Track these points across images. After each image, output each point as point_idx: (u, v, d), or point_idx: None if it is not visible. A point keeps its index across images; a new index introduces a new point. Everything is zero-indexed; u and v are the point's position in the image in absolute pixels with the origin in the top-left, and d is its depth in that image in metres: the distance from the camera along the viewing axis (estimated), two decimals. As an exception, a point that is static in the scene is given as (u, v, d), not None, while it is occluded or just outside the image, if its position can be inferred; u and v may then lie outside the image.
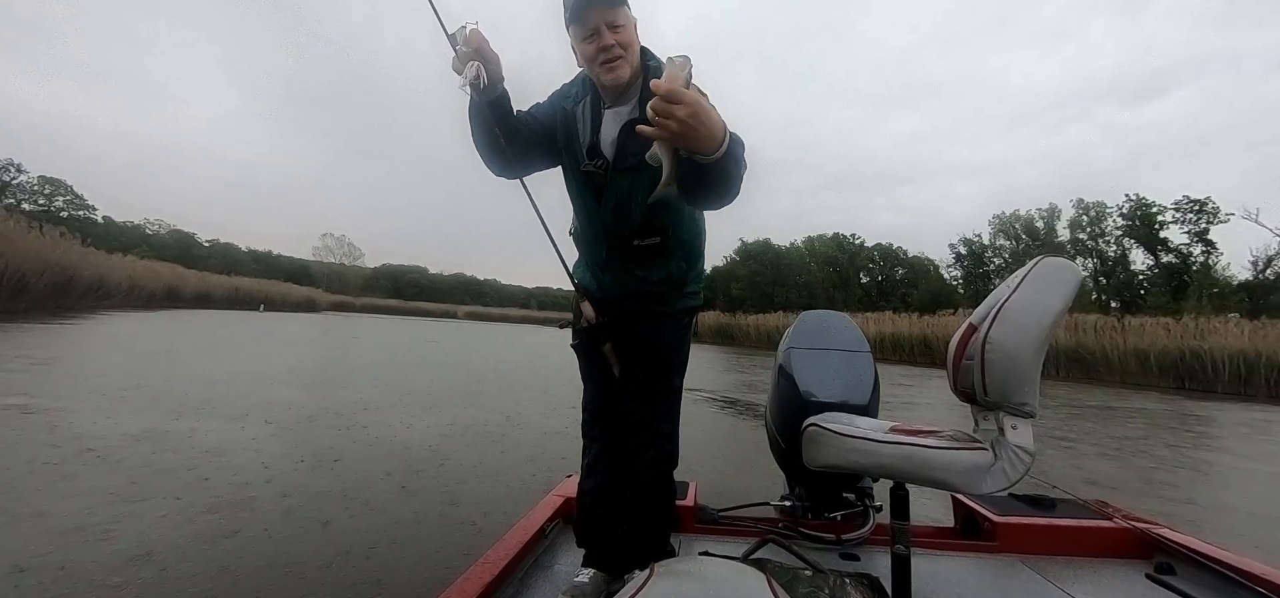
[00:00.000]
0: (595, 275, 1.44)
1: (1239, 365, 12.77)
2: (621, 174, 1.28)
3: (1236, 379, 12.75)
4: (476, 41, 1.18)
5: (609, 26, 1.20)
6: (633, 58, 1.23)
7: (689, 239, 1.39)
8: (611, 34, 1.20)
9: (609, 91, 1.28)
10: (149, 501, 2.54)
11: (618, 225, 1.32)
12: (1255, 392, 12.33)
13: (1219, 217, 26.35)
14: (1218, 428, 7.06)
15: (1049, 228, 33.10)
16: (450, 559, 2.10)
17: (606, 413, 1.45)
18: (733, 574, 0.63)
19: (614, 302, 1.39)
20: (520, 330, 29.54)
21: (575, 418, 1.59)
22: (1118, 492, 3.61)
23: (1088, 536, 1.67)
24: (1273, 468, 4.76)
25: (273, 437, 3.82)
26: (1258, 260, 24.95)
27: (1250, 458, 5.15)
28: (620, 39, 1.20)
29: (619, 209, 1.30)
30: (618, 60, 1.21)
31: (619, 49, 1.20)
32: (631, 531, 1.37)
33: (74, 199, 45.51)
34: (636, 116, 1.24)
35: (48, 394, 4.66)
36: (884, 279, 38.28)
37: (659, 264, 1.35)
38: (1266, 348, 12.50)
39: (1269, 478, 4.42)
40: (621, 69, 1.22)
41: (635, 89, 1.27)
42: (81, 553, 2.00)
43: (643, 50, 1.28)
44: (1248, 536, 2.96)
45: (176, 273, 27.38)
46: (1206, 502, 3.63)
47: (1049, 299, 1.12)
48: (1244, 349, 12.80)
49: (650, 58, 1.28)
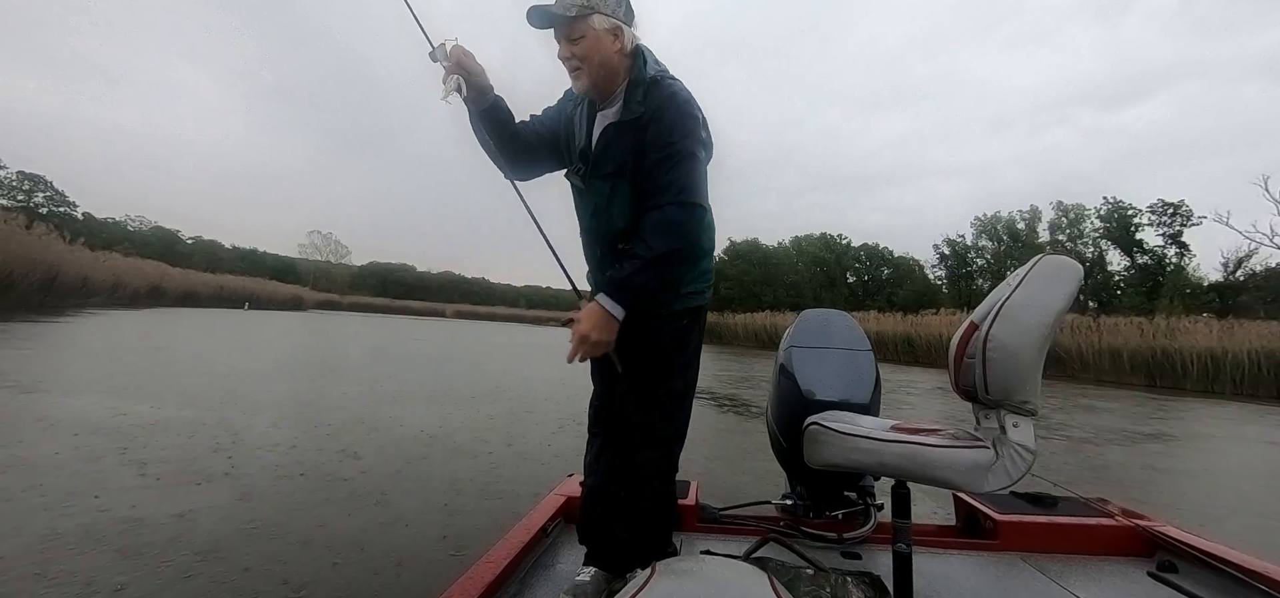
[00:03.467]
0: (594, 275, 1.45)
1: (1207, 364, 13.20)
2: (600, 180, 1.30)
3: (1204, 377, 13.19)
4: (458, 56, 1.26)
5: (566, 39, 1.24)
6: (593, 68, 1.25)
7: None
8: (568, 46, 1.24)
9: (586, 95, 1.31)
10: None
11: (599, 229, 1.34)
12: (1222, 389, 12.74)
13: (1192, 219, 27.13)
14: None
15: (1030, 229, 33.75)
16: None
17: (609, 412, 1.44)
18: (734, 573, 0.63)
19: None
20: (517, 331, 29.12)
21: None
22: (1117, 489, 3.71)
23: (1090, 534, 1.67)
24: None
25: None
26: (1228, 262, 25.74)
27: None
28: (578, 51, 1.23)
29: (599, 214, 1.33)
30: (577, 70, 1.26)
31: (576, 61, 1.24)
32: (632, 532, 1.36)
33: (54, 195, 44.48)
34: (615, 120, 1.27)
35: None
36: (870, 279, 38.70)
37: None
38: (1232, 347, 12.92)
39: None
40: (581, 78, 1.26)
41: (620, 93, 1.28)
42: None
43: (638, 51, 1.29)
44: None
45: (161, 271, 26.86)
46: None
47: (1050, 297, 1.12)
48: (1212, 348, 13.24)
49: (643, 60, 1.28)
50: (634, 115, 1.24)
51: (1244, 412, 9.24)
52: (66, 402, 4.46)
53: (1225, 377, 12.82)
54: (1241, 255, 25.34)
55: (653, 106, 1.23)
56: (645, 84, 1.25)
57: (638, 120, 1.24)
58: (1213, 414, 8.76)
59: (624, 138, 1.26)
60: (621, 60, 1.27)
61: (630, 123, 1.25)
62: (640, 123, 1.23)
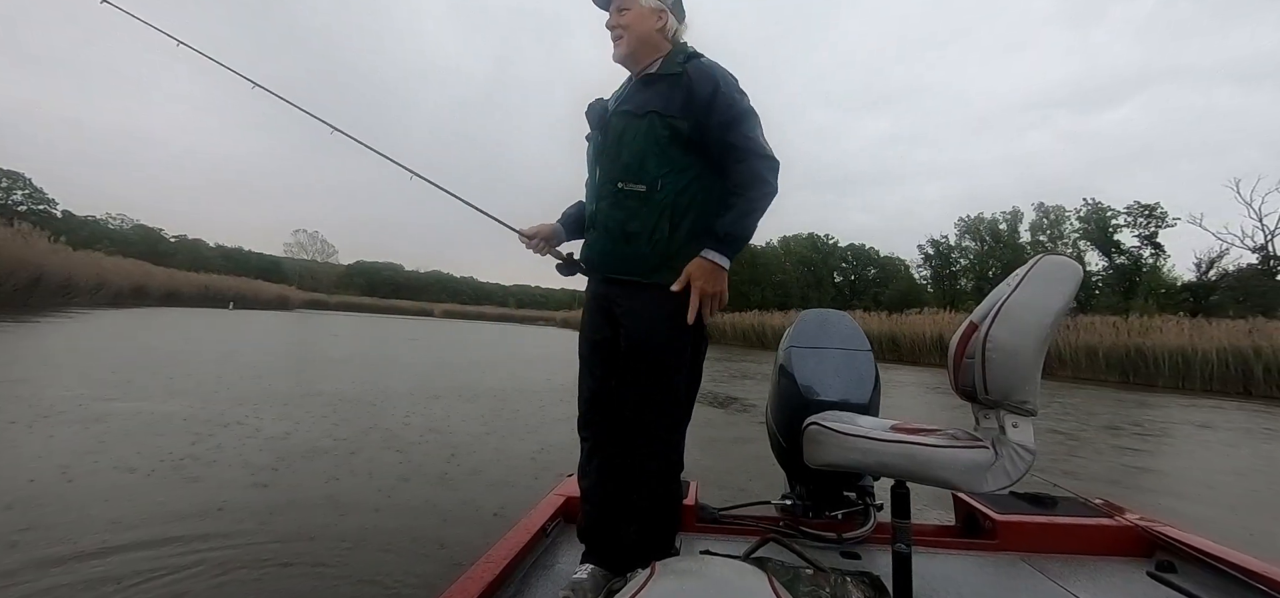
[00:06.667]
0: (587, 237, 1.48)
1: (1178, 361, 13.55)
2: (618, 118, 1.37)
3: (1176, 374, 13.52)
4: (532, 232, 1.53)
5: (617, 8, 1.40)
6: (632, 37, 1.39)
7: (682, 204, 1.32)
8: (616, 15, 1.40)
9: (624, 66, 1.45)
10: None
11: (608, 168, 1.37)
12: (1192, 386, 13.07)
13: (1167, 221, 27.90)
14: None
15: (1012, 230, 34.41)
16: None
17: (601, 409, 1.41)
18: (733, 573, 0.63)
19: (599, 262, 1.41)
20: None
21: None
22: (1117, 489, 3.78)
23: (1089, 534, 1.67)
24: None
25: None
26: (1201, 263, 26.51)
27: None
28: (622, 20, 1.39)
29: (611, 151, 1.37)
30: (618, 38, 1.41)
31: (619, 30, 1.40)
32: (639, 534, 1.35)
33: (33, 193, 43.61)
34: (648, 73, 1.38)
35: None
36: (857, 279, 39.18)
37: (640, 216, 1.31)
38: (1202, 345, 13.29)
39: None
40: (620, 45, 1.41)
41: (655, 65, 1.39)
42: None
43: (683, 46, 1.41)
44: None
45: (144, 270, 26.29)
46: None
47: (1050, 298, 1.12)
48: (1182, 346, 13.59)
49: (678, 45, 1.41)
50: (674, 70, 1.34)
51: (1198, 407, 9.51)
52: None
53: (1195, 374, 13.16)
54: (1213, 256, 26.16)
55: (697, 71, 1.32)
56: (687, 51, 1.38)
57: (677, 76, 1.33)
58: (1156, 401, 9.06)
59: (656, 85, 1.35)
60: (660, 40, 1.41)
61: (668, 75, 1.35)
62: (681, 80, 1.32)
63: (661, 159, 1.30)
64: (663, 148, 1.31)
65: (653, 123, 1.30)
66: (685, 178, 1.32)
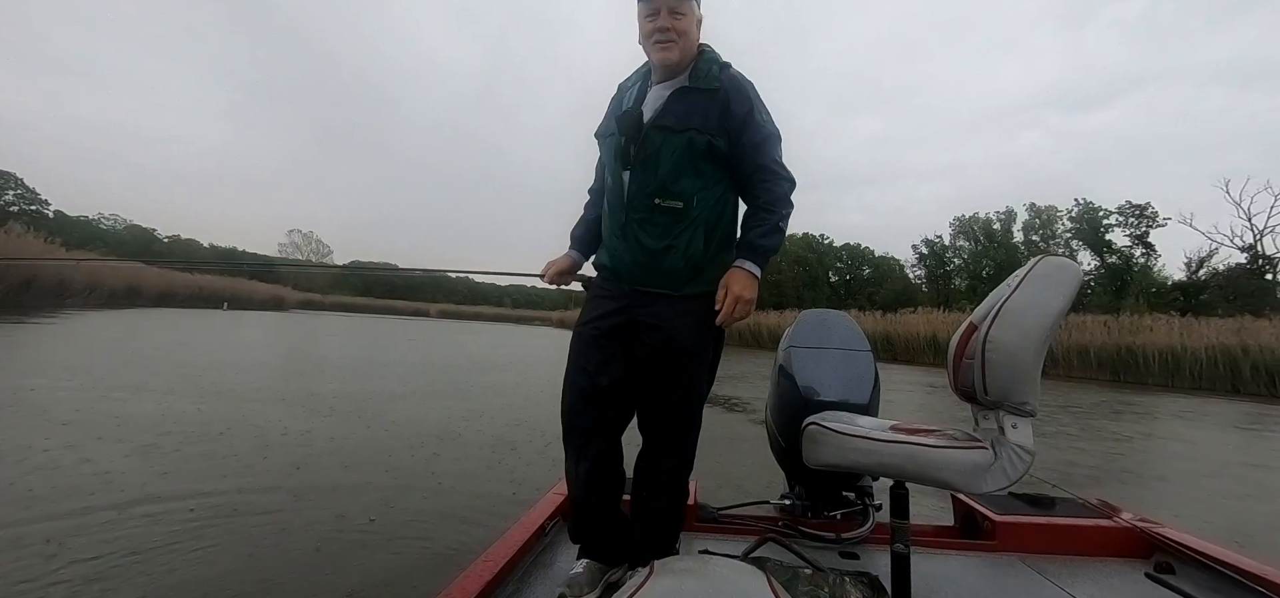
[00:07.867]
0: (610, 246, 1.43)
1: (1167, 360, 13.67)
2: (656, 131, 1.33)
3: (1165, 372, 13.64)
4: (555, 274, 1.56)
5: (670, 11, 1.32)
6: (686, 45, 1.34)
7: (713, 218, 1.36)
8: (670, 18, 1.32)
9: (658, 70, 1.37)
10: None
11: (642, 181, 1.34)
12: (1181, 384, 13.19)
13: (1157, 220, 28.18)
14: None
15: (1005, 230, 34.65)
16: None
17: (589, 405, 1.37)
18: (732, 573, 0.64)
19: (626, 274, 1.37)
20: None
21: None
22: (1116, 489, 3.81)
23: (1087, 535, 1.66)
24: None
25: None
26: (1191, 262, 26.79)
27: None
28: (677, 25, 1.32)
29: (647, 165, 1.33)
30: (670, 42, 1.32)
31: (674, 34, 1.32)
32: (645, 533, 1.36)
33: (25, 193, 43.12)
34: (685, 85, 1.35)
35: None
36: (852, 278, 39.32)
37: (675, 231, 1.32)
38: (1192, 344, 13.40)
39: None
40: (671, 51, 1.33)
41: (686, 74, 1.37)
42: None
43: (705, 47, 1.39)
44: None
45: (138, 270, 26.01)
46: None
47: (1049, 298, 1.13)
48: (1172, 345, 13.71)
49: (708, 52, 1.39)
50: (711, 86, 1.33)
51: (1180, 403, 9.60)
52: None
53: (1185, 372, 13.28)
54: (1203, 255, 26.44)
55: (733, 87, 1.33)
56: (720, 62, 1.37)
57: (714, 92, 1.33)
58: (1140, 400, 9.12)
59: (693, 100, 1.34)
60: (695, 47, 1.39)
61: (705, 91, 1.33)
62: (717, 95, 1.32)
63: (696, 175, 1.32)
64: (697, 164, 1.32)
65: (691, 140, 1.30)
66: (716, 192, 1.36)
